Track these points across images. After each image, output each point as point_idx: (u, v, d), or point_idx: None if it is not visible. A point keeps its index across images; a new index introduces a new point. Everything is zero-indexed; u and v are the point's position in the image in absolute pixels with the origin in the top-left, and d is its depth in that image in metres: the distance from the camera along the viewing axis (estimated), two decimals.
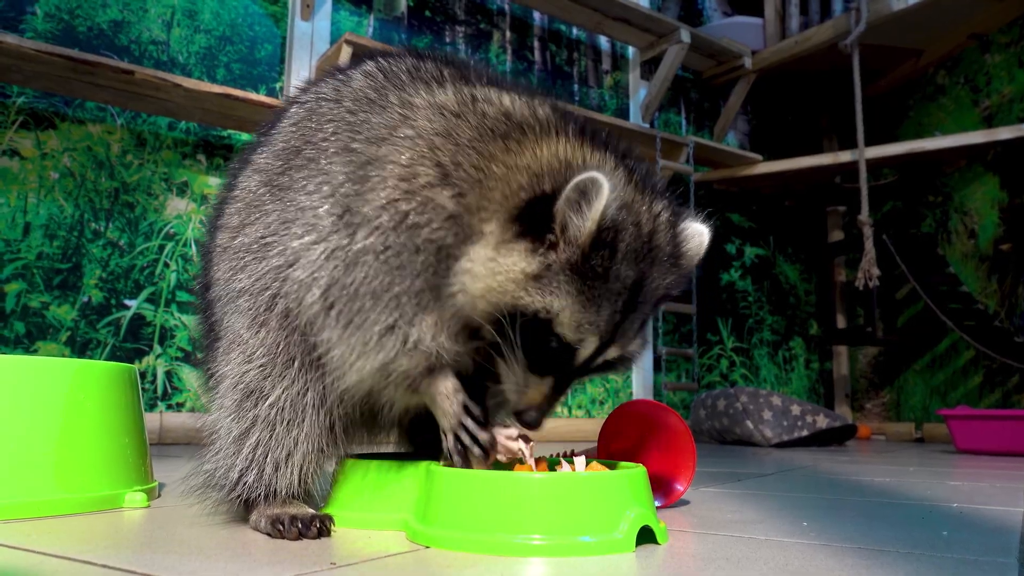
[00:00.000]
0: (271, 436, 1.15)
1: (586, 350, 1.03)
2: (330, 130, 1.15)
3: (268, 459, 1.15)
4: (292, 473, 1.16)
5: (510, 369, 1.05)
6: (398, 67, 1.19)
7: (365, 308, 1.04)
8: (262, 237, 1.17)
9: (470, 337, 1.07)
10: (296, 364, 1.14)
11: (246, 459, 1.15)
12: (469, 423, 1.08)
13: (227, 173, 1.40)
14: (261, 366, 1.15)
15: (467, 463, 1.09)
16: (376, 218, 1.03)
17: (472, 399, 1.11)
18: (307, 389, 1.15)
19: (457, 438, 1.09)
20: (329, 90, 1.22)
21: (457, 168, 1.03)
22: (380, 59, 1.24)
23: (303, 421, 1.15)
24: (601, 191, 0.96)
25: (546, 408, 1.06)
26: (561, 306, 0.99)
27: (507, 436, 1.11)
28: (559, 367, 1.04)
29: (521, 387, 1.05)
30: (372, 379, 1.09)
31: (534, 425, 1.06)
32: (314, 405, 1.16)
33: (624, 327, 1.04)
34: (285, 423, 1.15)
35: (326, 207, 1.10)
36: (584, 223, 0.97)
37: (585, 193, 0.97)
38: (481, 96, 1.12)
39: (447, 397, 1.09)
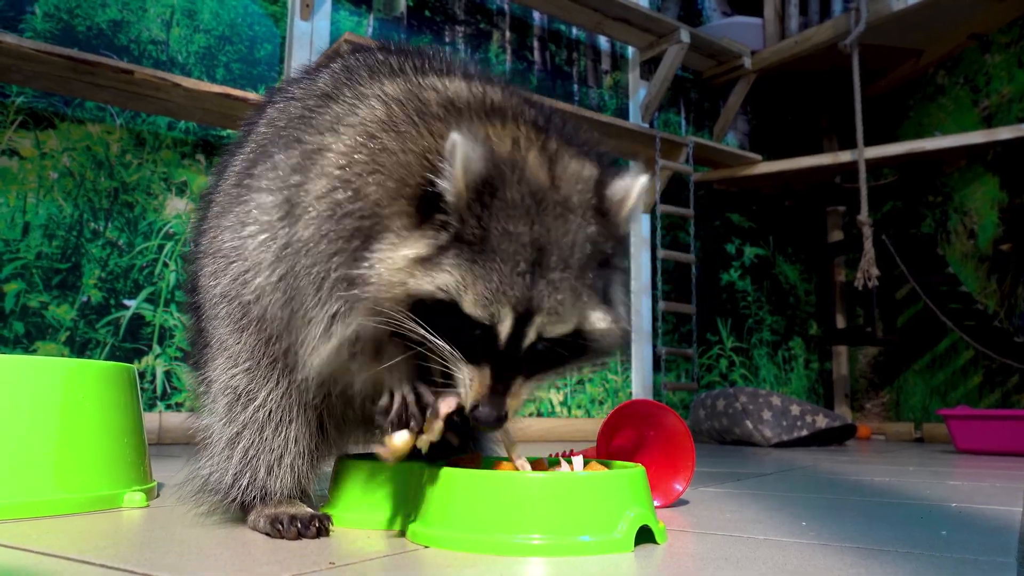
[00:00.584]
0: (261, 439, 1.16)
1: (504, 325, 0.93)
2: (290, 126, 1.16)
3: (260, 461, 1.16)
4: (285, 474, 1.17)
5: (453, 368, 0.98)
6: (362, 62, 1.18)
7: (308, 300, 1.02)
8: (231, 240, 1.18)
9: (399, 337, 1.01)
10: (279, 365, 1.15)
11: (239, 462, 1.16)
12: (407, 390, 1.04)
13: (213, 173, 1.42)
14: (246, 370, 1.16)
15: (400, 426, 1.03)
16: (313, 207, 1.02)
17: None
18: (291, 390, 1.15)
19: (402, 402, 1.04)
20: (297, 89, 1.23)
21: (384, 154, 1.01)
22: (349, 55, 1.24)
23: (291, 422, 1.16)
24: (456, 148, 0.91)
25: (497, 402, 0.96)
26: (455, 282, 0.92)
27: (445, 404, 1.01)
28: (491, 354, 0.96)
29: (466, 382, 0.97)
30: (331, 362, 1.06)
31: (487, 422, 0.95)
32: (300, 404, 1.16)
33: (543, 293, 0.93)
34: (274, 425, 1.15)
35: (271, 200, 1.10)
36: (452, 186, 0.93)
37: (449, 157, 0.93)
38: (430, 84, 1.10)
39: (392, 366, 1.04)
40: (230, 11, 3.66)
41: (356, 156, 1.02)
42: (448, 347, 0.96)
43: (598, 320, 0.99)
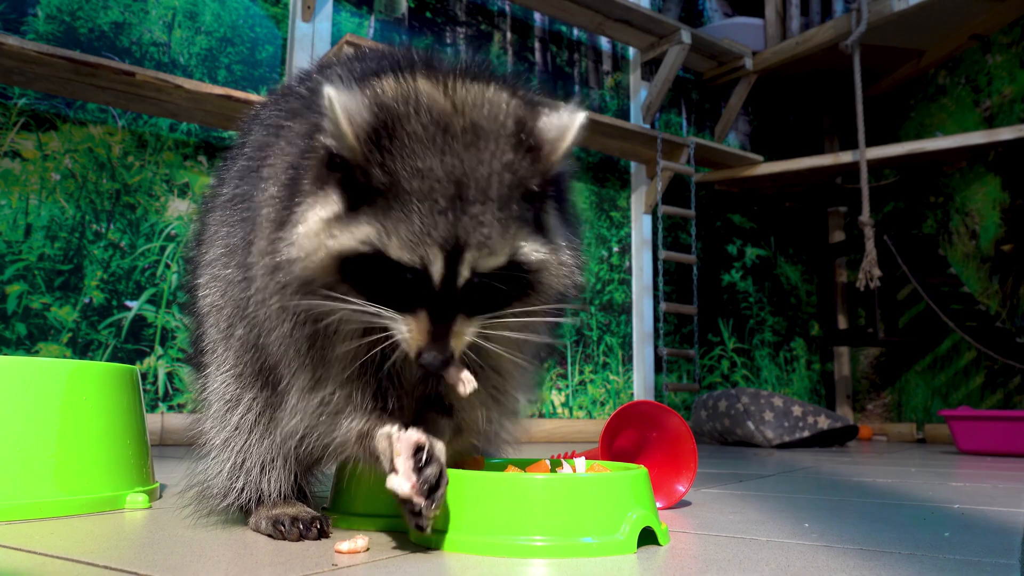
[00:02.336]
0: (250, 443, 1.16)
1: (436, 267, 0.89)
2: (247, 172, 1.16)
3: (254, 464, 1.16)
4: (279, 476, 1.18)
5: (392, 325, 0.94)
6: (307, 88, 1.16)
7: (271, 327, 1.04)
8: (216, 262, 1.19)
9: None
10: (264, 375, 1.15)
11: (232, 466, 1.17)
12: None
13: (214, 176, 1.42)
14: (233, 376, 1.17)
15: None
16: (257, 265, 1.02)
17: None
18: (275, 397, 1.15)
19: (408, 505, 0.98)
20: (254, 130, 1.23)
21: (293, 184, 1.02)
22: (315, 74, 1.21)
23: (278, 427, 1.16)
24: (333, 100, 0.87)
25: (440, 345, 0.91)
26: (376, 232, 0.89)
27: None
28: (427, 297, 0.92)
29: (404, 333, 0.93)
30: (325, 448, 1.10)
31: (433, 365, 0.91)
32: None
33: (469, 228, 0.89)
34: (260, 430, 1.16)
35: (224, 251, 1.15)
36: (344, 139, 0.89)
37: (329, 113, 0.89)
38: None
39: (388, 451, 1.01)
40: (231, 13, 3.67)
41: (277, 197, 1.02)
42: (380, 309, 0.92)
43: (532, 251, 0.94)
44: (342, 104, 0.88)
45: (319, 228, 0.92)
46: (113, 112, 3.31)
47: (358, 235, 0.90)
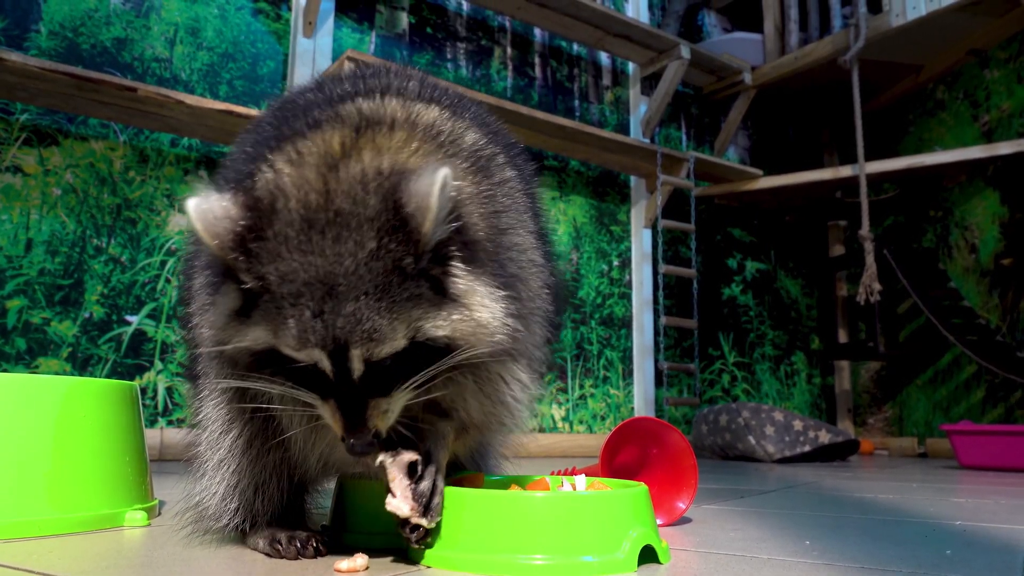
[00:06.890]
0: (245, 464, 1.16)
1: (324, 364, 0.88)
2: None
3: (248, 485, 1.16)
4: (274, 496, 1.17)
5: (317, 407, 0.96)
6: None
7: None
8: (207, 283, 1.18)
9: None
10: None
11: (228, 487, 1.16)
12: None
13: None
14: (227, 400, 1.17)
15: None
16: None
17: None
18: (269, 421, 1.15)
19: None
20: None
21: None
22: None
23: (271, 450, 1.16)
24: (190, 212, 0.88)
25: (358, 433, 0.92)
26: (265, 332, 0.89)
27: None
28: (331, 387, 0.91)
29: (328, 419, 0.95)
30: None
31: (360, 452, 0.93)
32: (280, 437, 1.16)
33: (346, 328, 0.86)
34: (254, 453, 1.16)
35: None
36: (211, 248, 0.89)
37: (190, 224, 0.90)
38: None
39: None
40: (233, 29, 3.69)
41: None
42: (302, 392, 0.93)
43: (435, 327, 0.89)
44: (199, 215, 0.87)
45: (225, 322, 0.93)
46: (115, 127, 3.32)
47: (251, 335, 0.91)
